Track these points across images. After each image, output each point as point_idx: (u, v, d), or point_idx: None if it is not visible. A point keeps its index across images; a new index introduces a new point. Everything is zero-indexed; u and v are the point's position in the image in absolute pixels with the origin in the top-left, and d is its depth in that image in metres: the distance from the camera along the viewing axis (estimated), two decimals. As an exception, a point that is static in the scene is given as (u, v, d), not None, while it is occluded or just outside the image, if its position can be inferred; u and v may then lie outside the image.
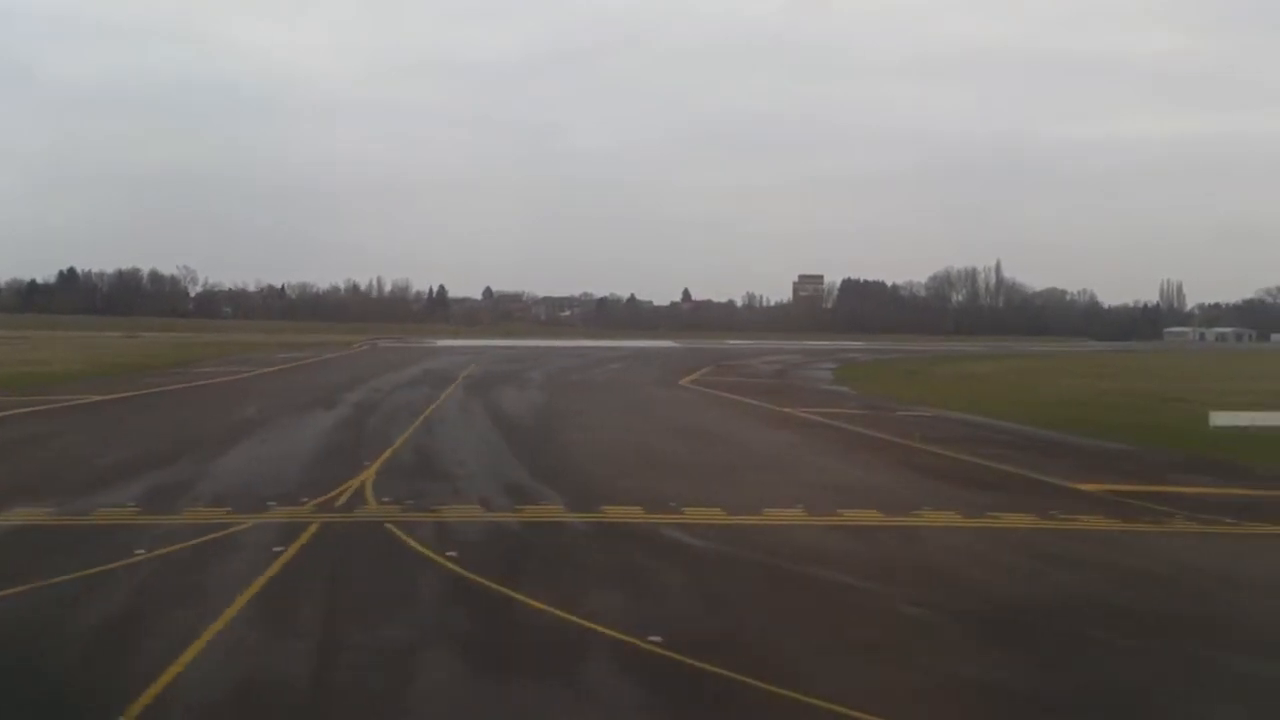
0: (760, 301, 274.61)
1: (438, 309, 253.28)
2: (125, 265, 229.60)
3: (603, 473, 26.04)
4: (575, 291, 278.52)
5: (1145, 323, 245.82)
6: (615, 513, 20.64)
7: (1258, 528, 21.50)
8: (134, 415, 39.05)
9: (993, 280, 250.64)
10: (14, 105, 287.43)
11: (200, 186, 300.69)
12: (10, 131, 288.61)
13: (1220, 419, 40.64)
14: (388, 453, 28.29)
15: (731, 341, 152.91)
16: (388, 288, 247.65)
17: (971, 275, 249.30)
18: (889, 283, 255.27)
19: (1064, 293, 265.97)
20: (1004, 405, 48.78)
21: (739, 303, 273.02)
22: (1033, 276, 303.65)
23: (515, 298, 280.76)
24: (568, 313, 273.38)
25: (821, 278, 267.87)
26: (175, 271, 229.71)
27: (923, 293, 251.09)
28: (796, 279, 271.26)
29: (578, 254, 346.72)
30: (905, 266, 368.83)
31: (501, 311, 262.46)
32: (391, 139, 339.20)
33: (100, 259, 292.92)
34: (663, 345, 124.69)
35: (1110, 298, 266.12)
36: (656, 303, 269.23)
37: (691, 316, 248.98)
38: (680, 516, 20.43)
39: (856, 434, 36.66)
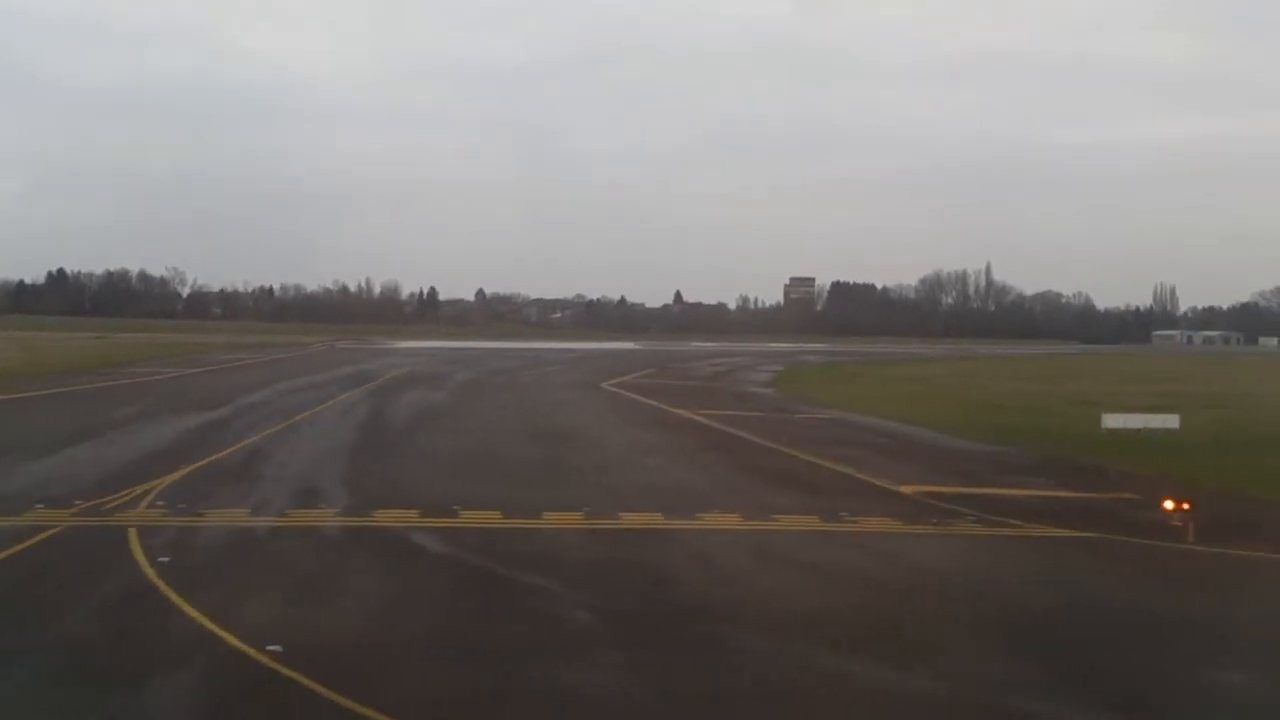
0: (754, 304, 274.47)
1: (428, 310, 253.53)
2: (115, 267, 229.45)
3: (415, 477, 25.88)
4: (569, 294, 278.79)
5: (1136, 326, 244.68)
6: (385, 516, 20.45)
7: (1035, 529, 21.31)
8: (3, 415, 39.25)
9: (983, 283, 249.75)
10: (9, 106, 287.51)
11: (196, 189, 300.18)
12: (3, 133, 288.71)
13: (1112, 421, 40.47)
14: (218, 455, 28.15)
15: (703, 344, 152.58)
16: (377, 289, 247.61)
17: (962, 278, 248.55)
18: (879, 285, 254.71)
19: (1059, 295, 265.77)
20: (915, 408, 48.57)
21: (732, 305, 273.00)
22: (1029, 279, 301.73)
23: (507, 299, 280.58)
24: (559, 315, 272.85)
25: (813, 280, 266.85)
26: (165, 273, 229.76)
27: (913, 295, 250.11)
28: (788, 281, 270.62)
29: (572, 257, 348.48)
30: (900, 269, 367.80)
31: (493, 313, 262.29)
32: (391, 143, 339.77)
33: (93, 260, 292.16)
34: (626, 347, 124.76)
35: (1106, 301, 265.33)
36: (649, 305, 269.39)
37: (681, 318, 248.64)
38: (451, 520, 20.24)
39: (727, 436, 36.44)
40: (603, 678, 12.10)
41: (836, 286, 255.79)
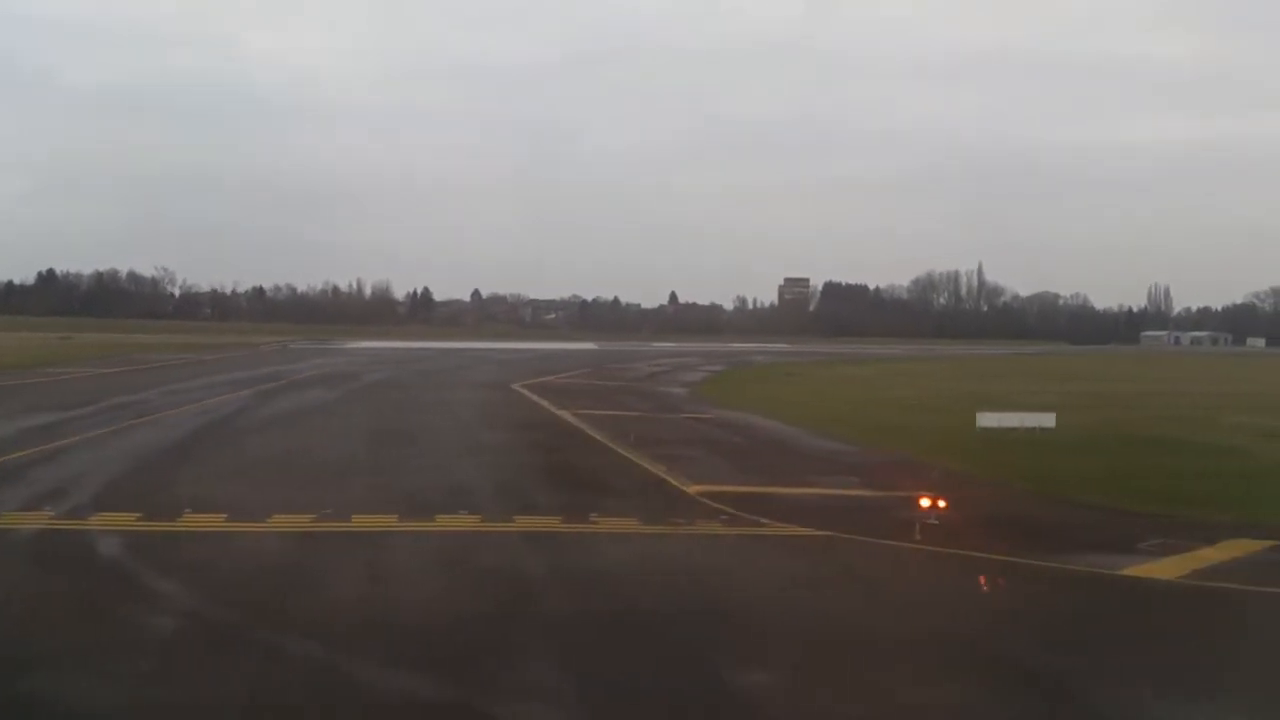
0: (751, 304, 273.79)
1: (421, 311, 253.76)
2: (105, 267, 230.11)
3: (185, 479, 25.18)
4: (566, 294, 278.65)
5: (1129, 327, 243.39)
6: (100, 520, 19.97)
7: (777, 528, 20.89)
8: None
9: (975, 283, 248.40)
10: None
11: (189, 189, 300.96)
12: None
13: (986, 420, 39.90)
14: (21, 454, 27.90)
15: (671, 344, 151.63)
16: (368, 290, 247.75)
17: (954, 278, 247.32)
18: (873, 286, 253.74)
19: (1057, 296, 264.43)
20: (814, 408, 48.11)
21: (729, 306, 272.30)
22: (1026, 280, 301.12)
23: (501, 300, 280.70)
24: (553, 316, 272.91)
25: (807, 280, 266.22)
26: (155, 273, 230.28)
27: (905, 296, 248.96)
28: (782, 282, 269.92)
29: (571, 257, 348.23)
30: (896, 269, 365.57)
31: (487, 314, 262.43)
32: (388, 143, 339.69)
33: (85, 261, 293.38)
34: (585, 348, 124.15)
35: (1104, 302, 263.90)
36: (645, 305, 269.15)
37: (675, 319, 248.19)
38: (169, 524, 19.81)
39: (575, 436, 35.99)
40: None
41: (829, 287, 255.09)
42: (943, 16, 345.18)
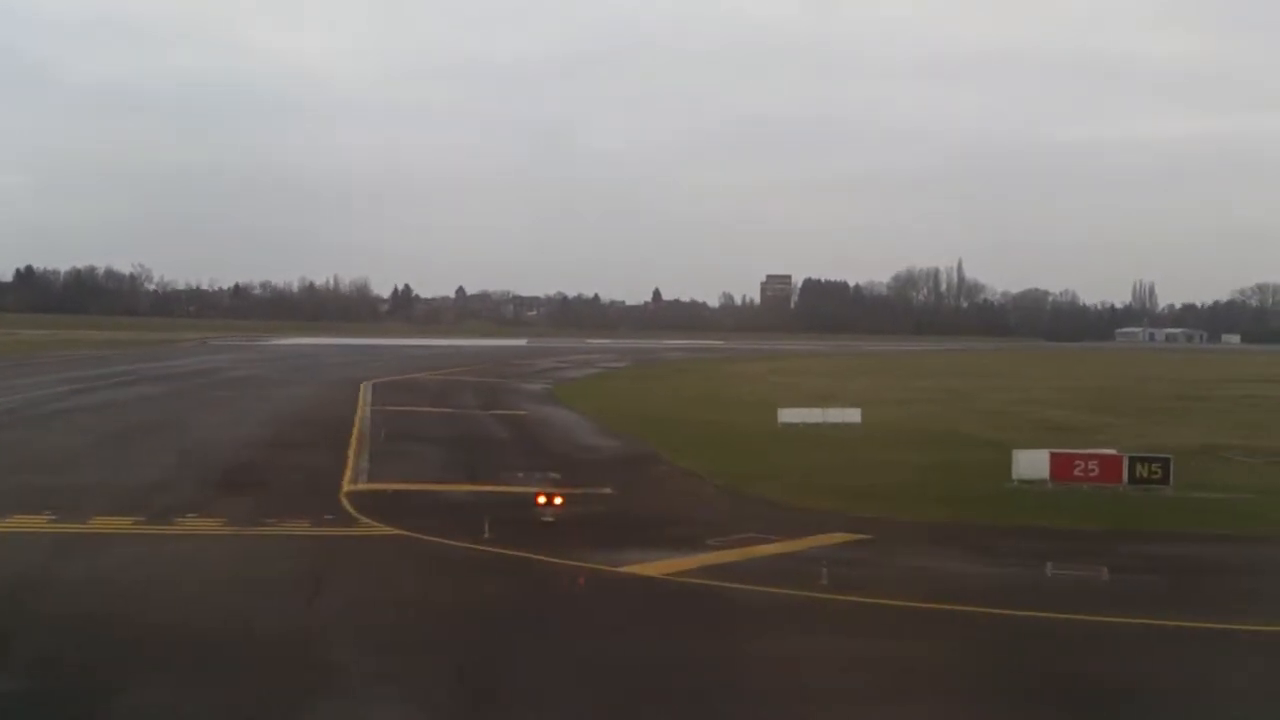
0: (737, 301, 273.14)
1: (401, 308, 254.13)
2: (84, 264, 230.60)
3: None
4: (552, 291, 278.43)
5: (1110, 324, 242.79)
6: None
7: (370, 529, 20.58)
8: None
9: (954, 279, 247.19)
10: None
11: (171, 186, 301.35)
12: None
13: (787, 416, 39.89)
14: None
15: (599, 340, 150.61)
16: (345, 285, 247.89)
17: (933, 275, 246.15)
18: (854, 283, 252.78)
19: (1046, 294, 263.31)
20: (635, 406, 47.80)
21: (715, 303, 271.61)
22: (1020, 278, 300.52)
23: (486, 297, 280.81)
24: (534, 312, 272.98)
25: (789, 278, 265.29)
26: (133, 270, 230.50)
27: (885, 292, 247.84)
28: (764, 279, 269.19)
29: (559, 255, 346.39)
30: (880, 265, 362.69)
31: (469, 311, 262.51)
32: (380, 142, 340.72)
33: (65, 258, 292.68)
34: (513, 344, 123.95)
35: (1093, 299, 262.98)
36: (630, 302, 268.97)
37: (656, 316, 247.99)
38: None
39: (341, 430, 35.79)
40: None
41: (809, 284, 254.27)
42: (947, 15, 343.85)
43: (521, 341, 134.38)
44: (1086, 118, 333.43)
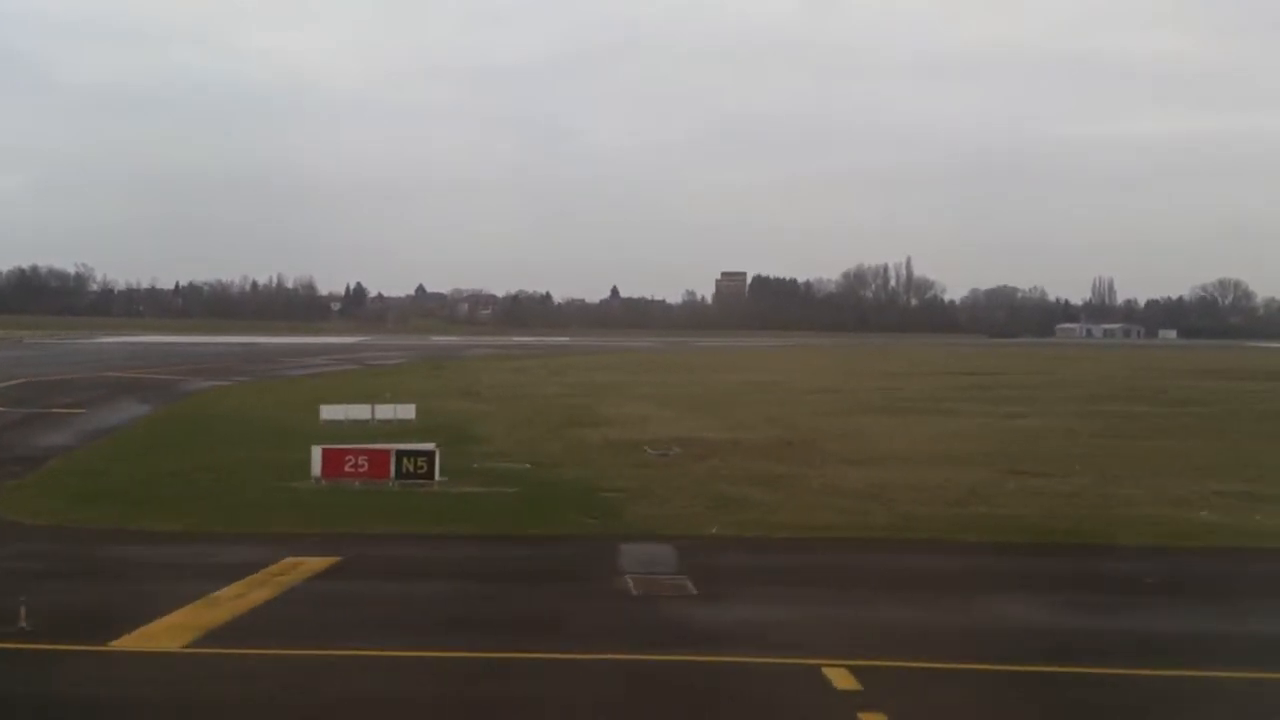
0: (699, 298, 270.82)
1: (353, 307, 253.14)
2: (27, 263, 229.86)
3: None
4: (514, 289, 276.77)
5: (1065, 319, 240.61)
6: None
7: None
8: None
9: (904, 275, 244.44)
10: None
11: (124, 185, 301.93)
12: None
13: (330, 413, 37.68)
14: None
15: (449, 338, 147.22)
16: (290, 284, 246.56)
17: (882, 272, 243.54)
18: (802, 280, 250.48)
19: (1015, 290, 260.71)
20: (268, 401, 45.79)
21: (677, 300, 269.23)
22: (988, 275, 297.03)
23: (441, 296, 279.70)
24: (488, 311, 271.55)
25: (744, 274, 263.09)
26: (77, 269, 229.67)
27: (834, 289, 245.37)
28: (719, 276, 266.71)
29: (522, 253, 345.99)
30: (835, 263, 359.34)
31: (423, 310, 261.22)
32: (350, 139, 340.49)
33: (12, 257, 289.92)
34: (341, 341, 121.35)
35: (1060, 295, 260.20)
36: (589, 300, 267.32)
37: (609, 314, 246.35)
38: None
39: None
40: None
41: (758, 281, 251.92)
42: (933, 14, 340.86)
43: (361, 339, 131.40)
44: (1069, 117, 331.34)
